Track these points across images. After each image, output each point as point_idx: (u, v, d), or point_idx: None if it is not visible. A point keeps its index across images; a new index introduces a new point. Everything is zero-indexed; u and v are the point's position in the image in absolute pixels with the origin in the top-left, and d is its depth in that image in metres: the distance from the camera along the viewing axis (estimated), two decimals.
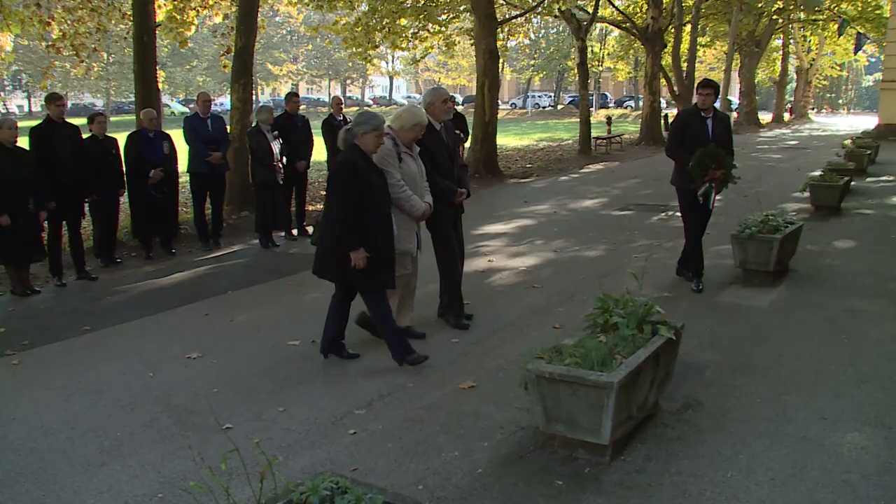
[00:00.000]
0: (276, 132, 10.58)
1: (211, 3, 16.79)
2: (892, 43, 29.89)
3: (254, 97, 15.63)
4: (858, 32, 35.07)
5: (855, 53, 45.48)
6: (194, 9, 16.33)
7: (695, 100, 7.87)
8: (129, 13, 14.86)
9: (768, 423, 4.64)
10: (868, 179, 16.84)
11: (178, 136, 10.50)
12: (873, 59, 62.92)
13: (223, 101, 46.79)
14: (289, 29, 70.03)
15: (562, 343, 4.48)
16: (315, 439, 4.59)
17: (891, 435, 4.46)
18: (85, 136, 9.26)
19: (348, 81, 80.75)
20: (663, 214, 12.63)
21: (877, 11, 35.70)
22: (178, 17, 15.93)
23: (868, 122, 33.02)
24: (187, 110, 48.07)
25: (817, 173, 13.04)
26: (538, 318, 7.03)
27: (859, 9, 35.76)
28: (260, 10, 14.30)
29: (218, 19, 17.97)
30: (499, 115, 19.44)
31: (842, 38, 39.65)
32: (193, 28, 16.98)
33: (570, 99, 69.75)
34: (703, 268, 7.92)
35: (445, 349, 6.10)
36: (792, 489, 3.88)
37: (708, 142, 7.40)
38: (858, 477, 3.98)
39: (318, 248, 5.86)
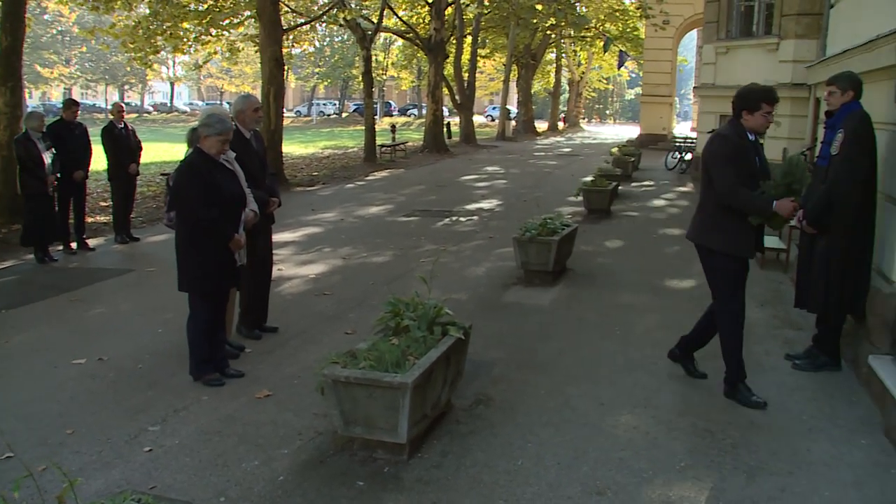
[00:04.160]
0: (47, 141, 9.94)
1: None
2: (649, 62, 32.97)
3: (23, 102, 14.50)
4: (620, 50, 38.37)
5: (618, 69, 49.72)
6: None
7: (758, 121, 5.10)
8: None
9: (553, 413, 5.02)
10: (633, 184, 18.46)
11: None
12: (634, 75, 68.49)
13: None
14: (60, 28, 65.12)
15: (356, 347, 4.61)
16: (108, 460, 4.42)
17: (657, 414, 5.01)
18: None
19: (127, 87, 76.81)
20: (448, 220, 13.12)
21: (635, 32, 39.10)
22: None
23: (631, 131, 35.78)
24: None
25: (589, 179, 14.08)
26: (330, 324, 7.12)
27: (621, 29, 38.90)
28: (27, 6, 13.33)
29: None
30: (284, 123, 19.27)
31: (607, 54, 43.16)
32: None
33: (355, 107, 70.57)
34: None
35: (239, 359, 6.04)
36: (576, 470, 4.25)
37: (761, 179, 5.17)
38: (632, 454, 4.44)
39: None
